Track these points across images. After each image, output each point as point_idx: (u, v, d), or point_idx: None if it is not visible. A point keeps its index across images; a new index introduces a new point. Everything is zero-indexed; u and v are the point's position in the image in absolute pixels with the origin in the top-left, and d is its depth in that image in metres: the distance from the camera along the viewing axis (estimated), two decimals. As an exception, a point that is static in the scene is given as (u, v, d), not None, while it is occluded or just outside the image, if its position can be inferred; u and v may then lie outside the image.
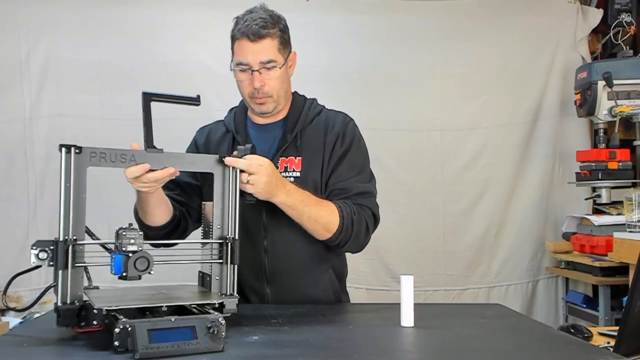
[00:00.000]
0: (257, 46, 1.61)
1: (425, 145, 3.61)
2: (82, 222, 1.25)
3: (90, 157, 1.26)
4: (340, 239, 1.62)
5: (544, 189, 3.71)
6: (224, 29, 3.62)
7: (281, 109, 1.73)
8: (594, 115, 3.39)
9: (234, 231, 1.37)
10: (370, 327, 1.45)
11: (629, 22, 3.64)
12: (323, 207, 1.60)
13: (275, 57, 1.63)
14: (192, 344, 1.11)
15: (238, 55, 1.65)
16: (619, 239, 2.89)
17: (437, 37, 3.62)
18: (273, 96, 1.66)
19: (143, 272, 1.22)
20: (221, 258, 1.37)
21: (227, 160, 1.39)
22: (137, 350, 1.08)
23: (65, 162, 1.24)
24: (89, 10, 3.42)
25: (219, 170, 1.40)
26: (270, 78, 1.64)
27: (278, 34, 1.63)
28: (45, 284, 3.34)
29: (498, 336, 1.37)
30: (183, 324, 1.13)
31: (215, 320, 1.14)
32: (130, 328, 1.10)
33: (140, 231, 1.25)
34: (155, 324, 1.12)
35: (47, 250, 1.22)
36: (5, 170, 3.38)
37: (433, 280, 3.57)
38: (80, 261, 1.25)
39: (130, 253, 1.22)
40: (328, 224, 1.60)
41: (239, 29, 1.63)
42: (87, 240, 1.28)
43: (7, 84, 3.37)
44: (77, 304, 1.22)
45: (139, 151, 1.35)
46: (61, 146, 1.24)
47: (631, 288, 1.40)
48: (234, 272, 1.37)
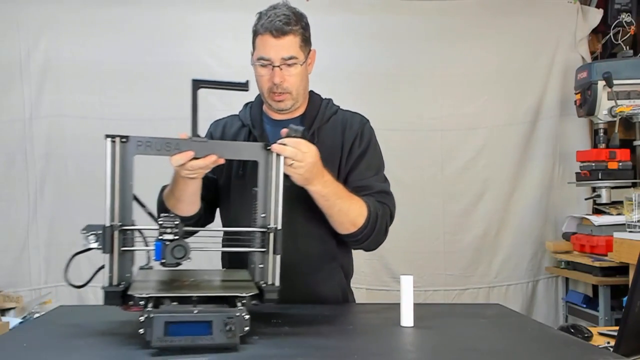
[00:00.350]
0: (279, 42, 1.61)
1: (425, 145, 3.61)
2: (129, 208, 1.31)
3: (136, 145, 1.32)
4: (363, 234, 1.63)
5: (544, 189, 3.72)
6: (224, 29, 3.66)
7: (298, 107, 1.74)
8: (594, 115, 3.39)
9: (277, 220, 1.37)
10: (370, 327, 1.44)
11: (629, 22, 3.64)
12: (353, 202, 1.61)
13: (296, 54, 1.64)
14: (206, 339, 1.12)
15: (260, 50, 1.65)
16: (619, 239, 2.90)
17: (437, 37, 3.62)
18: (292, 93, 1.67)
19: (180, 260, 1.26)
20: (264, 247, 1.37)
21: (273, 147, 1.39)
22: (151, 341, 1.11)
23: (111, 152, 1.29)
24: (89, 10, 3.42)
25: (263, 158, 1.39)
26: (291, 74, 1.65)
27: (300, 31, 1.64)
28: (45, 283, 3.39)
29: (498, 336, 1.37)
30: (201, 318, 1.14)
31: (233, 316, 1.14)
32: (151, 318, 1.12)
33: (178, 219, 1.28)
34: (174, 317, 1.13)
35: (96, 234, 1.29)
36: (5, 170, 3.38)
37: (433, 280, 3.58)
38: (127, 245, 1.30)
39: (168, 241, 1.26)
40: (356, 218, 1.61)
41: (263, 24, 1.63)
42: (133, 226, 1.33)
43: (7, 84, 3.37)
44: (121, 286, 1.27)
45: (183, 139, 1.38)
46: (106, 136, 1.29)
47: (631, 288, 1.40)
48: (276, 262, 1.37)
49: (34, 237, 3.38)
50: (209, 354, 1.12)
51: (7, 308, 3.14)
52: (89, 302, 3.39)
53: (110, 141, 1.29)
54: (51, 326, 1.41)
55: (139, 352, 1.17)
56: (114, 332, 1.33)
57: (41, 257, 3.38)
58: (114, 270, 1.28)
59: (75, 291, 3.42)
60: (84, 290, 3.40)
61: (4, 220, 3.36)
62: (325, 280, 1.71)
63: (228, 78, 1.79)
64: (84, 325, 1.40)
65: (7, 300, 3.14)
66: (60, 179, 3.42)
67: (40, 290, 3.36)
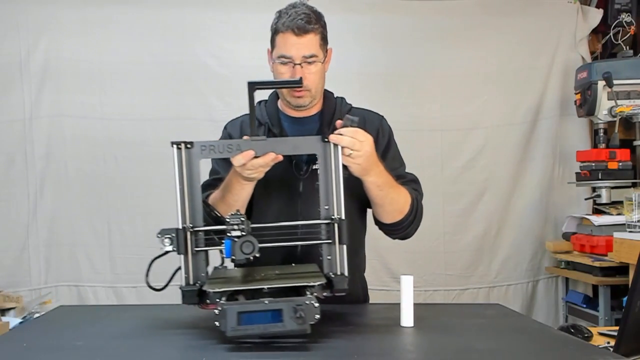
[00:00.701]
0: (301, 40, 1.63)
1: (425, 145, 3.60)
2: (199, 210, 1.36)
3: (200, 150, 1.36)
4: (408, 221, 1.68)
5: (544, 189, 3.71)
6: (224, 29, 3.65)
7: (315, 104, 1.76)
8: (594, 115, 3.39)
9: (340, 211, 1.39)
10: (370, 327, 1.45)
11: (629, 22, 3.63)
12: (401, 191, 1.66)
13: (317, 52, 1.66)
14: (277, 326, 1.17)
15: (281, 48, 1.66)
16: (619, 239, 2.89)
17: (437, 37, 3.62)
18: (311, 90, 1.69)
19: (249, 255, 1.30)
20: (329, 238, 1.39)
21: (331, 137, 1.41)
22: (226, 331, 1.17)
23: (177, 157, 1.34)
24: (89, 10, 3.41)
25: (321, 151, 1.41)
26: (311, 72, 1.66)
27: (320, 30, 1.67)
28: (45, 283, 3.39)
29: (498, 336, 1.37)
30: (271, 307, 1.19)
31: (302, 303, 1.18)
32: (224, 309, 1.18)
33: (244, 217, 1.32)
34: (245, 307, 1.19)
35: (171, 237, 1.33)
36: (5, 170, 3.37)
37: (433, 280, 3.58)
38: (200, 246, 1.35)
39: (236, 238, 1.30)
40: (403, 206, 1.66)
41: (284, 22, 1.64)
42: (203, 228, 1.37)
43: (7, 84, 3.37)
44: (197, 285, 1.32)
45: (243, 140, 1.42)
46: (172, 143, 1.35)
47: (631, 288, 1.40)
48: (344, 252, 1.39)
49: (34, 237, 3.38)
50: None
51: (7, 308, 3.14)
52: (89, 302, 3.40)
53: (176, 147, 1.35)
54: (51, 326, 1.41)
55: (139, 351, 1.18)
56: (114, 332, 1.33)
57: (41, 257, 3.38)
58: (190, 270, 1.34)
59: (75, 291, 3.46)
60: (84, 290, 3.44)
61: (4, 220, 3.36)
62: (353, 273, 1.73)
63: (228, 78, 1.79)
64: (84, 325, 1.40)
65: (7, 300, 3.14)
66: (60, 179, 3.42)
67: (40, 290, 3.36)
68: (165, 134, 3.31)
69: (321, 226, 1.40)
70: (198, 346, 1.23)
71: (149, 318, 1.46)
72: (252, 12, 3.49)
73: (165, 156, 1.42)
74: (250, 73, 1.89)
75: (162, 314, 1.50)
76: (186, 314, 1.43)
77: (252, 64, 3.36)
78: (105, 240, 3.42)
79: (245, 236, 1.30)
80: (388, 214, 1.67)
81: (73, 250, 3.41)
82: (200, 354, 1.18)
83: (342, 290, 1.34)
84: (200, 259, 1.35)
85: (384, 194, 1.61)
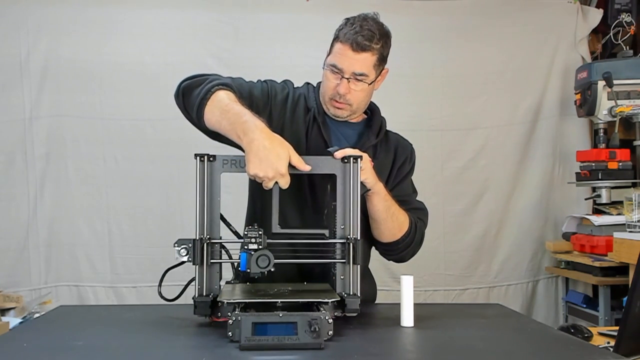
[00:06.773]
0: (355, 56, 1.63)
1: (425, 145, 3.60)
2: (217, 222, 1.38)
3: (222, 164, 1.38)
4: (406, 242, 1.69)
5: (544, 189, 3.72)
6: (224, 29, 3.64)
7: (355, 117, 1.77)
8: (594, 115, 3.39)
9: (356, 231, 1.40)
10: (370, 327, 1.44)
11: (629, 22, 3.64)
12: (400, 208, 1.67)
13: (368, 72, 1.65)
14: (291, 338, 1.17)
15: (335, 57, 1.66)
16: (619, 239, 2.90)
17: (437, 37, 3.62)
18: (352, 105, 1.69)
19: (264, 269, 1.30)
20: (344, 258, 1.40)
21: (336, 154, 1.43)
22: (240, 341, 1.16)
23: (200, 170, 1.36)
24: (89, 10, 3.41)
25: (340, 171, 1.43)
26: (357, 89, 1.66)
27: (379, 50, 1.66)
28: (45, 283, 3.39)
29: (498, 336, 1.37)
30: (286, 320, 1.19)
31: (317, 317, 1.18)
32: (239, 320, 1.18)
33: (261, 231, 1.33)
34: (260, 318, 1.19)
35: (187, 248, 1.34)
36: (5, 170, 3.37)
37: (433, 280, 3.58)
38: (215, 258, 1.37)
39: (252, 251, 1.30)
40: (402, 224, 1.67)
41: (346, 33, 1.65)
42: (220, 240, 1.38)
43: (7, 84, 3.37)
44: (210, 296, 1.34)
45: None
46: (195, 155, 1.36)
47: (631, 288, 1.40)
48: (357, 272, 1.40)
49: (34, 237, 3.38)
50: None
51: (7, 308, 3.14)
52: (89, 302, 3.40)
53: (199, 160, 1.36)
54: (51, 326, 1.41)
55: (139, 352, 1.17)
56: (114, 332, 1.33)
57: (41, 257, 3.38)
58: (203, 281, 1.35)
59: (75, 291, 3.46)
60: (84, 290, 3.44)
61: (4, 220, 3.35)
62: (365, 277, 1.74)
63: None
64: (84, 325, 1.40)
65: (7, 300, 3.14)
66: (60, 179, 3.42)
67: (40, 290, 3.36)
68: (165, 134, 3.30)
69: (336, 245, 1.41)
70: (198, 346, 1.23)
71: (149, 318, 1.46)
72: (252, 12, 3.49)
73: (166, 156, 1.42)
74: (250, 73, 1.90)
75: (162, 314, 1.50)
76: (186, 314, 1.43)
77: (252, 64, 3.38)
78: (105, 240, 3.42)
79: (261, 250, 1.31)
80: (388, 230, 1.67)
81: (73, 250, 3.41)
82: (200, 353, 1.18)
83: (354, 311, 1.36)
84: (215, 271, 1.37)
85: (387, 206, 1.62)
